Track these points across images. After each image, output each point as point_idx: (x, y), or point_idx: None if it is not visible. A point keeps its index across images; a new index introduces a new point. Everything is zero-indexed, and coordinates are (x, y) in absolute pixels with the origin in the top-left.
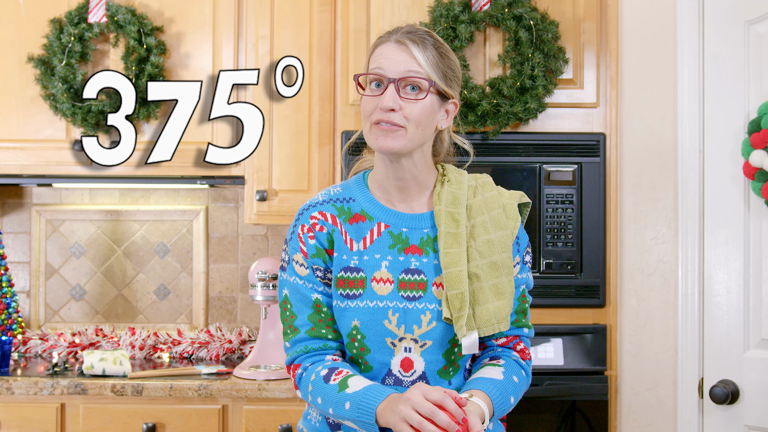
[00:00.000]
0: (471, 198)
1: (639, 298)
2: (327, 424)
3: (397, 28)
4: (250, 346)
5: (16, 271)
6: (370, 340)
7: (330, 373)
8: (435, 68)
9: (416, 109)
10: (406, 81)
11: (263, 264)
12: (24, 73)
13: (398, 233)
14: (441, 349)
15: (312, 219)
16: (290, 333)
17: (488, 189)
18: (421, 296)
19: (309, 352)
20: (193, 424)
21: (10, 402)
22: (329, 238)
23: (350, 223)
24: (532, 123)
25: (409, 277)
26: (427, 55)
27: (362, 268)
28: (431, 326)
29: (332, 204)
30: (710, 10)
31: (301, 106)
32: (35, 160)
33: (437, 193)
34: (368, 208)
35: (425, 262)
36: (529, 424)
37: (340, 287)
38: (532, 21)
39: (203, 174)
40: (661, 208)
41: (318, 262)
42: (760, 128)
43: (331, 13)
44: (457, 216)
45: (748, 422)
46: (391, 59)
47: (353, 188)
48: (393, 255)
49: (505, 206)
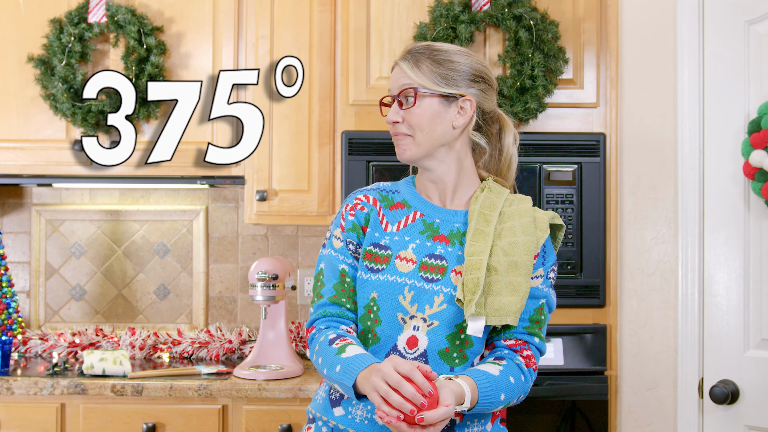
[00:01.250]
0: (506, 207)
1: (639, 298)
2: (329, 400)
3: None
4: (250, 346)
5: (16, 271)
6: (384, 313)
7: (336, 338)
8: (427, 76)
9: (414, 116)
10: (400, 95)
11: (263, 264)
12: (24, 73)
13: (431, 222)
14: (447, 332)
15: (356, 200)
16: (316, 299)
17: (524, 202)
18: (439, 279)
19: (326, 316)
20: (193, 424)
21: (10, 402)
22: (367, 217)
23: (390, 210)
24: (532, 123)
25: (431, 261)
26: (419, 67)
27: (390, 246)
28: (442, 308)
29: (378, 192)
30: (710, 10)
31: (301, 106)
32: (35, 160)
33: (476, 196)
34: (409, 199)
35: (450, 251)
36: (529, 424)
37: (367, 260)
38: (532, 21)
39: (203, 174)
40: (661, 208)
41: (352, 236)
42: (760, 128)
43: (331, 13)
44: (489, 217)
45: (748, 422)
46: (392, 79)
47: (401, 184)
48: (422, 240)
49: (536, 218)
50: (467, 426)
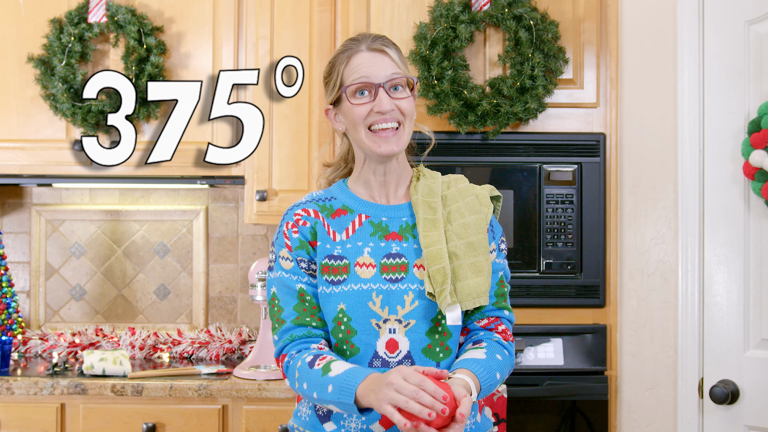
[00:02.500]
0: (445, 190)
1: (639, 298)
2: (317, 416)
3: (358, 38)
4: (250, 346)
5: (16, 271)
6: (357, 322)
7: (315, 359)
8: (405, 64)
9: (408, 104)
10: (392, 82)
11: (263, 264)
12: (24, 73)
13: (378, 222)
14: (425, 328)
15: (296, 216)
16: (278, 326)
17: (461, 182)
18: (403, 278)
19: (294, 340)
20: (193, 424)
21: (10, 402)
22: (312, 230)
23: (332, 218)
24: (532, 123)
25: (390, 261)
26: (400, 55)
27: (345, 255)
28: (414, 305)
29: (315, 203)
30: (710, 10)
31: (301, 106)
32: (35, 160)
33: (413, 186)
34: (349, 203)
35: (405, 247)
36: (529, 424)
37: (325, 273)
38: (532, 21)
39: (203, 174)
40: (661, 208)
41: (302, 253)
42: (760, 128)
43: (331, 13)
44: (433, 204)
45: (748, 422)
46: (372, 65)
47: (333, 190)
48: (374, 242)
49: (478, 195)
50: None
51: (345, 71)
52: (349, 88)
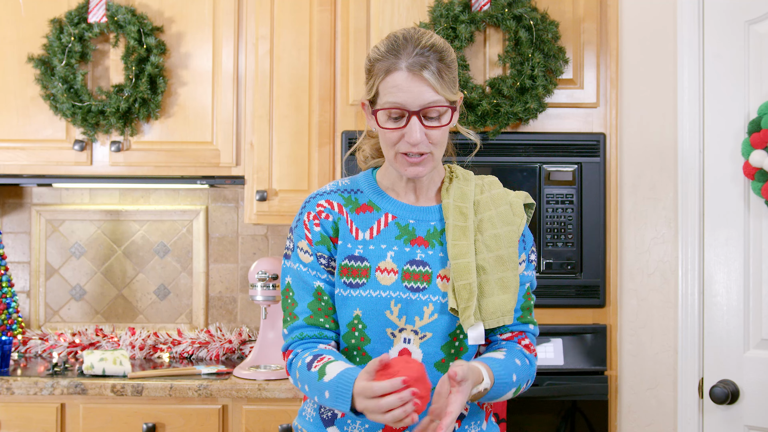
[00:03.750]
0: (478, 194)
1: (639, 298)
2: (321, 419)
3: (399, 46)
4: (250, 346)
5: (16, 271)
6: (371, 330)
7: (313, 360)
8: (448, 86)
9: (440, 134)
10: (427, 112)
11: (263, 264)
12: (24, 73)
13: (405, 224)
14: (441, 342)
15: (318, 207)
16: (289, 320)
17: (495, 187)
18: (425, 288)
19: (303, 339)
20: (193, 424)
21: (10, 402)
22: (334, 226)
23: (357, 213)
24: (532, 123)
25: (414, 269)
26: (442, 77)
27: (367, 257)
28: (433, 318)
29: (339, 194)
30: (710, 10)
31: (301, 106)
32: (35, 160)
33: (446, 188)
34: (376, 200)
35: (431, 254)
36: (529, 424)
37: (344, 275)
38: (532, 21)
39: (203, 174)
40: (661, 208)
41: (322, 249)
42: (760, 128)
43: (331, 13)
44: (465, 210)
45: (748, 422)
46: (408, 92)
47: (361, 181)
48: (399, 246)
49: (512, 204)
50: (465, 430)
51: (381, 85)
52: (383, 107)
